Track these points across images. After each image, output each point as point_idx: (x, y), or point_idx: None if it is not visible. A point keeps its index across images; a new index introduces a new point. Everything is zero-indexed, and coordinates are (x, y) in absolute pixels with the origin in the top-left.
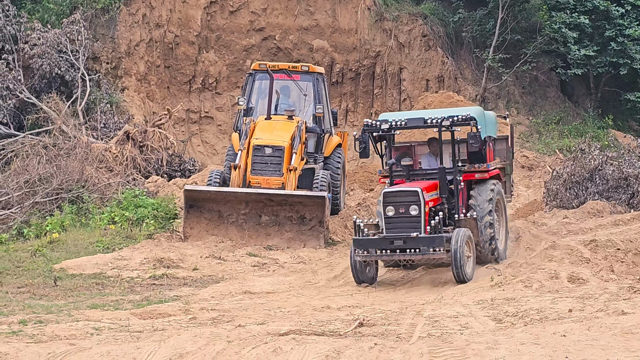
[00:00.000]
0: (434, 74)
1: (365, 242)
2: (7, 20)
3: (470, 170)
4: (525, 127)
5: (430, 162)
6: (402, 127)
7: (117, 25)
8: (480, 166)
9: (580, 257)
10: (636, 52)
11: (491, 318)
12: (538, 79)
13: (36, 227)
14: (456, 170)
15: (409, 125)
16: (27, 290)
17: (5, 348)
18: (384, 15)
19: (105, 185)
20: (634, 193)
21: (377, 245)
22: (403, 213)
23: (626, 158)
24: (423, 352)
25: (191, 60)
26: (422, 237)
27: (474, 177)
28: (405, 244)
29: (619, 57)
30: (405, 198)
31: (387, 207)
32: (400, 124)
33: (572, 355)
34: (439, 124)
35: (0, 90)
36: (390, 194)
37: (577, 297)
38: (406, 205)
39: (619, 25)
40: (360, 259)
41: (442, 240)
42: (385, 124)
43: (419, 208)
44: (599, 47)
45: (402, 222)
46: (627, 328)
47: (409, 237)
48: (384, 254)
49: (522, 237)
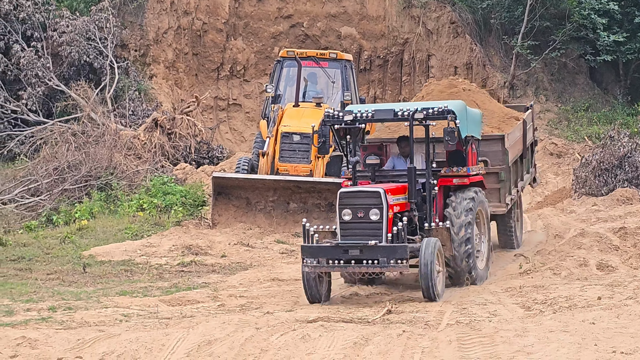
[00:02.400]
0: (462, 61)
1: (315, 250)
2: (36, 7)
3: (447, 175)
4: (554, 114)
5: (399, 164)
6: (369, 120)
7: (146, 13)
8: (459, 170)
9: (610, 245)
10: None
11: (520, 305)
12: (567, 65)
13: (65, 214)
14: (429, 172)
15: (376, 117)
16: (57, 277)
17: (35, 334)
18: (412, 2)
19: (133, 173)
20: None
21: (329, 255)
22: (362, 218)
23: None
24: (451, 339)
25: (219, 47)
26: (382, 246)
27: (451, 182)
28: (362, 254)
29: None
30: (365, 200)
31: (344, 211)
32: (366, 116)
33: (601, 343)
34: (411, 116)
35: (29, 78)
36: (348, 194)
37: (606, 284)
38: (366, 209)
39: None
40: (308, 269)
41: (406, 250)
42: (348, 115)
43: (381, 212)
44: (629, 33)
45: (360, 228)
46: None
47: (367, 246)
48: (336, 264)
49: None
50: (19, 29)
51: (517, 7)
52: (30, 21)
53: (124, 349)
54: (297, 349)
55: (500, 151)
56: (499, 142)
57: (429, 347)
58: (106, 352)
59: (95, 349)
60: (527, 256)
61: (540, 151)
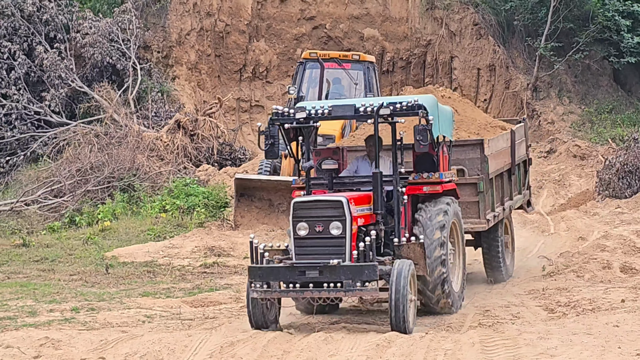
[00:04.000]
0: (485, 63)
1: (266, 272)
2: (59, 9)
3: (416, 182)
4: (578, 117)
5: (364, 168)
6: (325, 118)
7: (168, 14)
8: (430, 176)
9: (633, 247)
10: None
11: (543, 308)
12: (590, 67)
13: (88, 215)
14: (397, 179)
15: (334, 114)
16: (79, 278)
17: (58, 335)
18: (435, 3)
19: (156, 174)
20: None
21: (282, 277)
22: (320, 232)
23: None
24: (474, 342)
25: (242, 49)
26: (347, 265)
27: (421, 190)
28: (322, 276)
29: None
30: (325, 211)
31: (299, 224)
32: (322, 113)
33: (625, 346)
34: (375, 112)
35: (53, 79)
36: (303, 205)
37: (630, 287)
38: (325, 222)
39: None
40: (257, 295)
41: (375, 270)
42: (301, 112)
43: (343, 226)
44: None
45: (319, 245)
46: None
47: (327, 266)
48: (291, 289)
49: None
50: (42, 31)
51: (541, 9)
52: (53, 23)
53: (146, 350)
54: (319, 350)
55: (479, 158)
56: (477, 148)
57: (451, 350)
58: (129, 353)
59: (118, 349)
60: (550, 258)
61: (564, 153)
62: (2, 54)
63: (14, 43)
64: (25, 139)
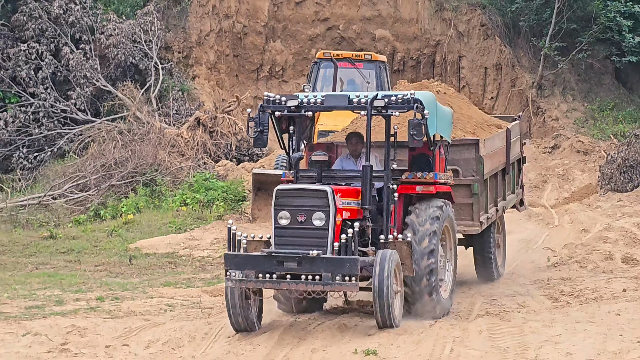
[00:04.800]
0: (492, 62)
1: (242, 260)
2: (84, 11)
3: (409, 181)
4: (581, 113)
5: (347, 166)
6: (317, 108)
7: (188, 16)
8: (424, 175)
9: (634, 239)
10: None
11: (547, 297)
12: (593, 66)
13: (112, 209)
14: (388, 175)
15: (327, 104)
16: (104, 269)
17: (84, 323)
18: (444, 5)
19: (177, 169)
20: None
21: (259, 266)
22: (303, 222)
23: None
24: (482, 330)
25: (259, 49)
26: (327, 257)
27: (414, 190)
28: (300, 267)
29: None
30: (308, 201)
31: (280, 213)
32: (314, 102)
33: (626, 334)
34: (369, 104)
35: (78, 79)
36: (286, 193)
37: (631, 277)
38: (308, 212)
39: None
40: (232, 284)
41: (356, 264)
42: (292, 100)
43: (327, 217)
44: None
45: (300, 235)
46: None
47: (306, 257)
48: (267, 279)
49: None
50: (68, 32)
51: (545, 10)
52: (78, 24)
53: (168, 337)
54: (333, 338)
55: (474, 159)
56: (472, 148)
57: (460, 337)
58: (151, 340)
59: (141, 337)
60: (555, 250)
61: (568, 149)
62: (30, 55)
63: (42, 44)
64: (52, 136)
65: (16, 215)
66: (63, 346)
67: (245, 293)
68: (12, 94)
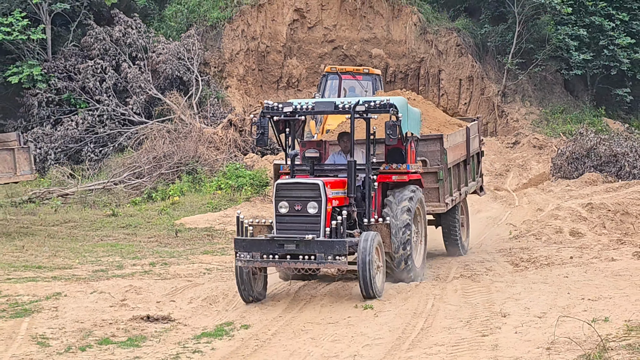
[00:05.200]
0: (466, 75)
1: (249, 243)
2: (139, 35)
3: (386, 171)
4: (537, 116)
5: (339, 161)
6: (309, 112)
7: (222, 38)
8: (399, 167)
9: (579, 216)
10: (624, 57)
11: (510, 263)
12: (547, 78)
13: (161, 192)
14: (369, 167)
15: (316, 110)
16: (155, 240)
17: (140, 283)
18: (427, 29)
19: (213, 160)
20: (621, 167)
21: (264, 249)
22: (299, 211)
23: (615, 139)
24: (457, 289)
25: (278, 64)
26: (320, 240)
27: (390, 179)
28: (298, 249)
29: (610, 61)
30: (303, 192)
31: (280, 203)
32: (306, 108)
33: (573, 292)
34: (352, 109)
35: (134, 89)
36: (285, 186)
37: (577, 247)
38: (303, 202)
39: (610, 36)
40: (241, 264)
41: (345, 246)
42: (288, 107)
43: (319, 205)
44: (595, 53)
45: (297, 222)
46: (616, 271)
47: (303, 241)
48: (270, 259)
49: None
50: (126, 51)
51: (508, 33)
52: (135, 45)
53: (206, 295)
54: (339, 295)
55: (439, 151)
56: (437, 142)
57: (439, 295)
58: (193, 297)
59: (185, 294)
60: (515, 225)
61: (526, 144)
62: (96, 69)
63: (105, 61)
64: (113, 134)
65: (85, 198)
66: (123, 302)
67: (252, 270)
68: (82, 101)
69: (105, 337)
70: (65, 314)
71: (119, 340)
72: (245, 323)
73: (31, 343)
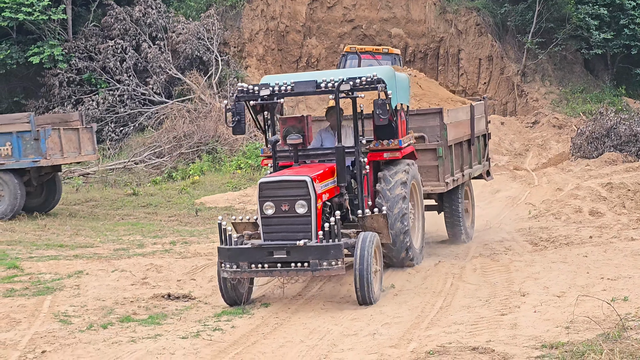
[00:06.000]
0: (485, 54)
1: (235, 253)
2: (159, 15)
3: (377, 149)
4: (556, 95)
5: (328, 139)
6: (288, 94)
7: (242, 18)
8: (390, 143)
9: (599, 196)
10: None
11: (529, 242)
12: (567, 57)
13: (182, 172)
14: (359, 151)
15: (296, 90)
16: (176, 219)
17: (160, 262)
18: (446, 8)
19: (233, 140)
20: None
21: (251, 258)
22: (287, 211)
23: (635, 119)
24: (476, 268)
25: (298, 44)
26: (313, 246)
27: (382, 157)
28: (290, 256)
29: (631, 40)
30: (289, 191)
31: (265, 204)
32: (285, 89)
33: (592, 271)
34: (336, 88)
35: (155, 69)
36: (269, 185)
37: (596, 226)
38: (291, 201)
39: (631, 16)
40: (227, 275)
41: (340, 250)
42: (265, 89)
43: (308, 204)
44: (615, 32)
45: (286, 223)
46: (636, 251)
47: (294, 247)
48: (259, 269)
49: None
50: (146, 31)
51: (528, 12)
52: (154, 25)
53: None
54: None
55: (438, 126)
56: (437, 116)
57: (458, 274)
58: (213, 275)
59: (205, 273)
60: (534, 204)
61: (545, 124)
62: (116, 49)
63: (125, 41)
64: (134, 114)
65: (106, 177)
66: (144, 280)
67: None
68: (103, 81)
69: (127, 315)
70: (87, 292)
71: (140, 317)
72: (265, 301)
73: (53, 320)
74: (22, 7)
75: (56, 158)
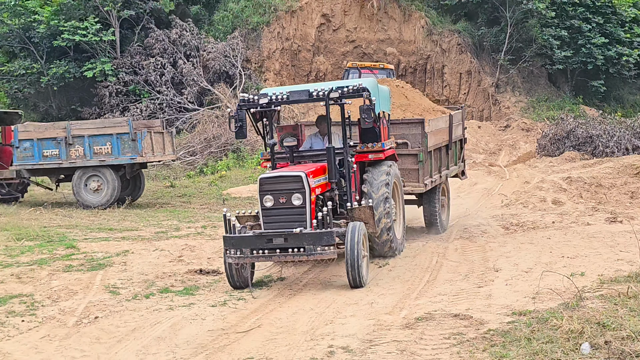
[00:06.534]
0: (465, 69)
1: (238, 240)
2: (192, 36)
3: (363, 151)
4: (524, 104)
5: (317, 143)
6: (284, 102)
7: (262, 39)
8: (374, 145)
9: (560, 188)
10: (598, 54)
11: (501, 226)
12: (533, 72)
13: (211, 168)
14: (347, 151)
15: (291, 99)
16: (206, 207)
17: (193, 242)
18: (432, 30)
19: (254, 141)
20: (596, 146)
21: (253, 245)
22: (284, 203)
23: (591, 124)
24: (457, 248)
25: (308, 61)
26: (308, 233)
27: (367, 158)
28: (287, 242)
29: (587, 57)
30: (286, 185)
31: (265, 197)
32: (281, 98)
33: (554, 251)
34: (326, 96)
35: (188, 81)
36: (268, 180)
37: (558, 213)
38: (287, 194)
39: (587, 37)
40: (232, 261)
41: (332, 236)
42: (264, 98)
43: (303, 197)
44: (574, 51)
45: (283, 214)
46: (591, 234)
47: (291, 234)
48: (260, 254)
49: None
50: (181, 50)
51: (501, 34)
52: (189, 45)
53: None
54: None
55: (420, 134)
56: (419, 125)
57: (442, 253)
58: None
59: None
60: (506, 195)
61: (515, 127)
62: (156, 65)
63: (164, 58)
64: (171, 119)
65: (148, 172)
66: (179, 258)
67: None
68: (145, 92)
69: (165, 287)
70: (132, 268)
71: (177, 289)
72: (281, 276)
73: (104, 292)
74: (79, 30)
75: (149, 156)
